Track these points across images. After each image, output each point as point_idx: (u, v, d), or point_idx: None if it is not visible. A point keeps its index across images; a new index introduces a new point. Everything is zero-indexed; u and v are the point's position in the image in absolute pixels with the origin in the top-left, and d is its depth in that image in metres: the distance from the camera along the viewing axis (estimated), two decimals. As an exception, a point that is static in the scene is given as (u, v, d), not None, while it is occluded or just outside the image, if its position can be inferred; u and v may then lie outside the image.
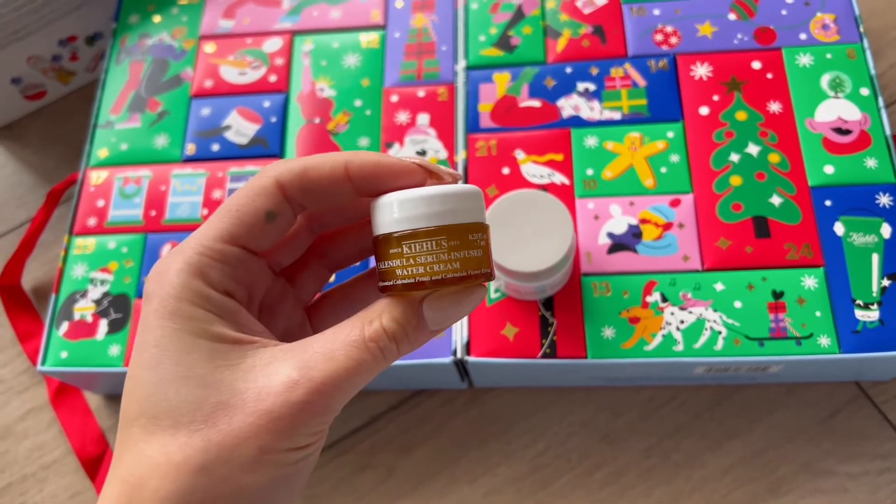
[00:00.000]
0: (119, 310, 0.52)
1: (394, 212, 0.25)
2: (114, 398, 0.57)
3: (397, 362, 0.48)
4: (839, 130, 0.51)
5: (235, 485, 0.23)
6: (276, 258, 0.28)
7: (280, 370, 0.24)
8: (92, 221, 0.55)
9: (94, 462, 0.55)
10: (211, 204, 0.54)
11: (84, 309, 0.52)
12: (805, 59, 0.53)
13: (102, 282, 0.53)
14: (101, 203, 0.55)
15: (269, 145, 0.56)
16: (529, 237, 0.44)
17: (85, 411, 0.57)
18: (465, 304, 0.25)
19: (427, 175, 0.26)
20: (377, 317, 0.25)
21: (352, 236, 0.30)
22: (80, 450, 0.55)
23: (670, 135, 0.52)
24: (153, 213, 0.55)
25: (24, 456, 0.56)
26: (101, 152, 0.57)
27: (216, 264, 0.25)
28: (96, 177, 0.57)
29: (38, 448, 0.56)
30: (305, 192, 0.26)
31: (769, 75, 0.53)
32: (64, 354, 0.51)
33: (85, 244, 0.54)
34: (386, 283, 0.25)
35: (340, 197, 0.26)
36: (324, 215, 0.29)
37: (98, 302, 0.52)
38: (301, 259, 0.30)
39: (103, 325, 0.52)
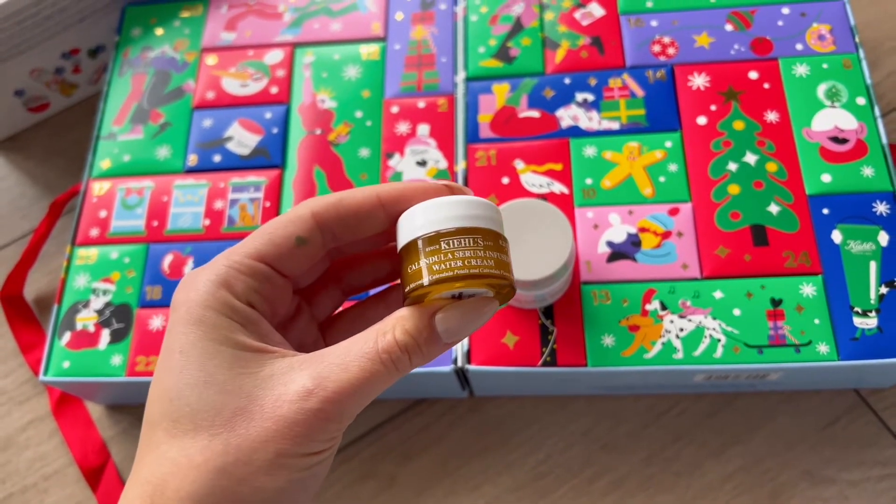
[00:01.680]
0: (121, 320, 0.52)
1: (427, 214, 0.26)
2: (115, 409, 0.57)
3: (398, 371, 0.48)
4: (836, 139, 0.51)
5: (253, 486, 0.24)
6: (296, 278, 0.29)
7: (296, 379, 0.25)
8: (94, 232, 0.55)
9: (96, 473, 0.55)
10: (213, 214, 0.55)
11: (86, 319, 0.52)
12: (801, 69, 0.54)
13: (105, 292, 0.53)
14: (103, 214, 0.56)
15: (270, 156, 0.56)
16: (529, 246, 0.44)
17: (86, 422, 0.57)
18: (477, 317, 0.26)
19: (451, 193, 0.28)
20: (390, 329, 0.26)
21: (368, 263, 0.32)
22: (81, 460, 0.55)
23: (668, 144, 0.53)
24: (155, 223, 0.55)
25: (26, 466, 0.56)
26: (104, 163, 0.58)
27: (242, 276, 0.26)
28: (99, 188, 0.57)
29: (39, 459, 0.56)
30: (340, 221, 0.27)
31: (766, 85, 0.53)
32: (66, 364, 0.51)
33: (87, 255, 0.55)
34: (416, 283, 0.25)
35: (373, 224, 0.28)
36: (344, 242, 0.30)
37: (100, 312, 0.53)
38: (319, 280, 0.31)
39: (105, 334, 0.52)
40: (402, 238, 0.26)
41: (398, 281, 0.31)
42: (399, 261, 0.27)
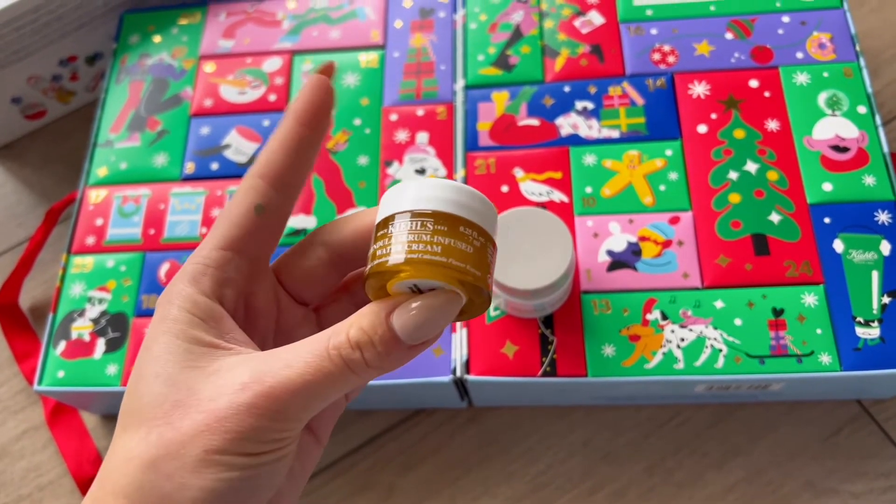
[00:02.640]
0: (117, 329, 0.52)
1: (393, 197, 0.24)
2: (110, 418, 0.57)
3: (396, 381, 0.47)
4: (837, 148, 0.51)
5: (178, 483, 0.23)
6: (304, 294, 0.29)
7: (237, 373, 0.24)
8: (90, 240, 0.55)
9: (90, 483, 0.54)
10: (210, 222, 0.54)
11: (82, 328, 0.52)
12: (802, 78, 0.53)
13: (100, 300, 0.53)
14: (99, 222, 0.55)
15: (268, 164, 0.56)
16: (529, 254, 0.44)
17: (81, 432, 0.56)
18: (437, 313, 0.24)
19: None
20: (346, 327, 0.24)
21: None
22: (76, 471, 0.54)
23: (669, 153, 0.52)
24: (152, 231, 0.55)
25: (20, 477, 0.55)
26: (101, 171, 0.57)
27: (210, 270, 0.26)
28: (95, 195, 0.57)
29: (33, 469, 0.56)
30: (291, 170, 0.27)
31: (767, 94, 0.53)
32: (61, 374, 0.51)
33: (83, 263, 0.54)
34: (365, 269, 0.24)
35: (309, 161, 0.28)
36: (351, 257, 0.29)
37: (96, 321, 0.52)
38: (331, 296, 0.30)
39: (101, 343, 0.51)
40: (379, 215, 0.25)
41: None
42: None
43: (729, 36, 0.56)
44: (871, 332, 0.46)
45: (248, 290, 0.27)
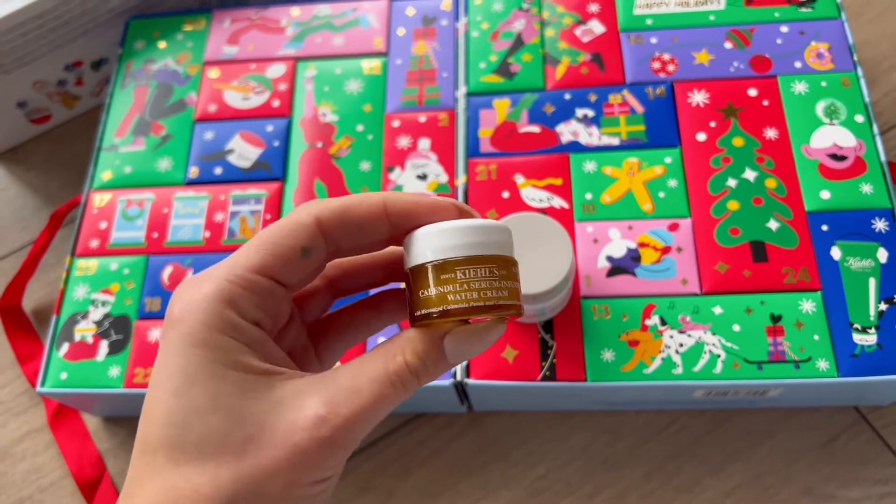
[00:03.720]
0: (120, 331, 0.52)
1: (445, 238, 0.25)
2: (112, 421, 0.57)
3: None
4: (835, 157, 0.51)
5: None
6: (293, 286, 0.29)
7: (308, 405, 0.24)
8: (94, 243, 0.55)
9: (92, 485, 0.54)
10: (213, 226, 0.55)
11: (85, 330, 0.52)
12: (800, 87, 0.54)
13: (104, 303, 0.53)
14: (103, 225, 0.56)
15: (271, 169, 0.56)
16: (529, 260, 0.44)
17: (83, 434, 0.56)
18: (486, 339, 0.26)
19: (459, 212, 0.27)
20: (400, 351, 0.25)
21: (364, 268, 0.31)
22: (77, 473, 0.55)
23: (668, 160, 0.53)
24: (155, 235, 0.55)
25: (22, 478, 0.56)
26: (105, 175, 0.58)
27: (247, 294, 0.25)
28: (99, 199, 0.57)
29: (35, 470, 0.56)
30: (343, 230, 0.26)
31: (765, 102, 0.54)
32: (63, 376, 0.51)
33: (87, 266, 0.55)
34: (430, 311, 0.25)
35: (377, 234, 0.27)
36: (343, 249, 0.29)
37: (99, 323, 0.52)
38: (310, 285, 0.30)
39: (104, 346, 0.52)
40: (414, 258, 0.26)
41: (390, 286, 0.31)
42: (407, 279, 0.26)
43: (728, 45, 0.56)
44: (868, 339, 0.46)
45: (276, 313, 0.27)
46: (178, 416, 0.24)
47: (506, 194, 0.53)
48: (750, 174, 0.51)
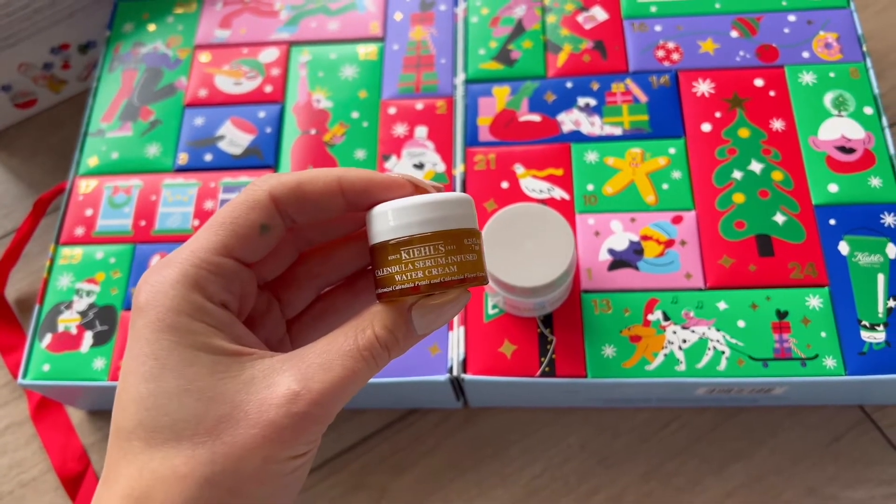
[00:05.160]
0: (105, 322, 0.50)
1: (389, 220, 0.26)
2: (97, 414, 0.55)
3: (391, 379, 0.46)
4: (843, 149, 0.50)
5: (242, 495, 0.24)
6: (262, 272, 0.29)
7: (280, 382, 0.24)
8: (79, 231, 0.54)
9: (75, 480, 0.53)
10: (202, 214, 0.53)
11: (69, 320, 0.51)
12: (808, 78, 0.53)
13: (88, 293, 0.51)
14: (89, 212, 0.54)
15: (263, 156, 0.55)
16: (529, 252, 0.43)
17: (67, 427, 0.55)
18: (452, 309, 0.27)
19: (415, 189, 0.27)
20: (368, 325, 0.26)
21: (338, 254, 0.30)
22: (60, 467, 0.53)
23: (672, 151, 0.51)
24: (143, 223, 0.53)
25: (3, 473, 0.54)
26: (91, 161, 0.56)
27: (212, 276, 0.25)
28: (85, 185, 0.55)
29: (16, 465, 0.54)
30: (299, 206, 0.27)
31: (772, 93, 0.52)
32: (46, 367, 0.49)
33: (72, 254, 0.53)
34: (384, 290, 0.26)
35: (332, 211, 0.27)
36: (309, 232, 0.30)
37: (83, 313, 0.51)
38: (289, 276, 0.30)
39: (88, 337, 0.50)
40: (372, 237, 0.27)
41: (368, 267, 0.31)
42: (371, 256, 0.27)
43: (734, 34, 0.55)
44: (877, 336, 0.45)
45: (242, 294, 0.27)
46: (151, 401, 0.24)
47: (505, 185, 0.51)
48: (756, 166, 0.50)
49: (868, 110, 0.51)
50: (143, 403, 0.24)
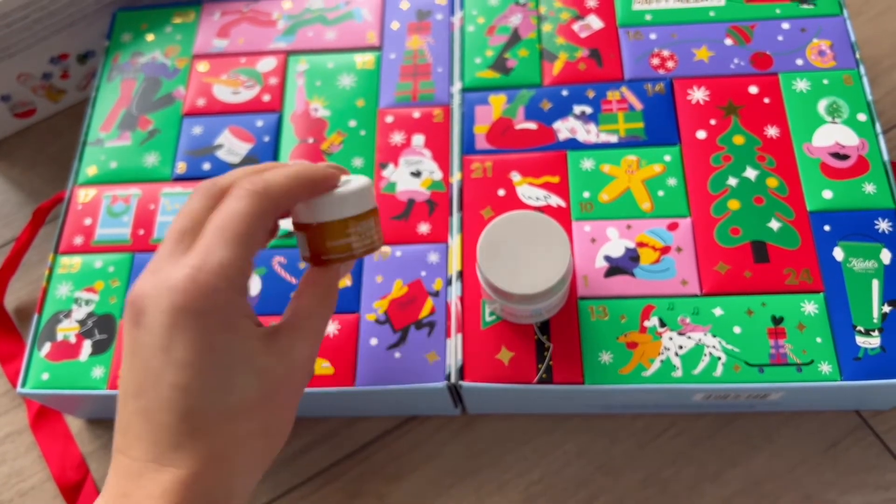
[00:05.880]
0: (104, 331, 0.50)
1: (347, 201, 0.37)
2: (96, 423, 0.56)
3: (388, 386, 0.46)
4: (837, 155, 0.50)
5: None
6: None
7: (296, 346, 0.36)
8: (78, 240, 0.54)
9: (74, 489, 0.53)
10: (201, 223, 0.53)
11: (67, 329, 0.51)
12: (802, 85, 0.53)
13: (87, 301, 0.52)
14: (88, 221, 0.54)
15: (261, 165, 0.55)
16: (526, 259, 0.43)
17: (66, 436, 0.55)
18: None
19: (340, 173, 0.38)
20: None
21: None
22: (59, 476, 0.53)
23: (667, 158, 0.52)
24: (141, 232, 0.54)
25: (2, 482, 0.54)
26: (90, 170, 0.56)
27: (244, 280, 0.34)
28: (84, 195, 0.55)
29: (16, 474, 0.54)
30: (291, 205, 0.36)
31: (766, 100, 0.53)
32: (45, 376, 0.49)
33: (70, 263, 0.53)
34: (338, 256, 0.37)
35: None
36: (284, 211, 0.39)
37: (82, 322, 0.51)
38: None
39: (87, 345, 0.50)
40: (320, 215, 0.36)
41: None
42: (320, 229, 0.37)
43: (728, 42, 0.55)
44: (872, 342, 0.45)
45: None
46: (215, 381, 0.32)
47: (502, 192, 0.52)
48: (751, 173, 0.50)
49: (862, 117, 0.52)
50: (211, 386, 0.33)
